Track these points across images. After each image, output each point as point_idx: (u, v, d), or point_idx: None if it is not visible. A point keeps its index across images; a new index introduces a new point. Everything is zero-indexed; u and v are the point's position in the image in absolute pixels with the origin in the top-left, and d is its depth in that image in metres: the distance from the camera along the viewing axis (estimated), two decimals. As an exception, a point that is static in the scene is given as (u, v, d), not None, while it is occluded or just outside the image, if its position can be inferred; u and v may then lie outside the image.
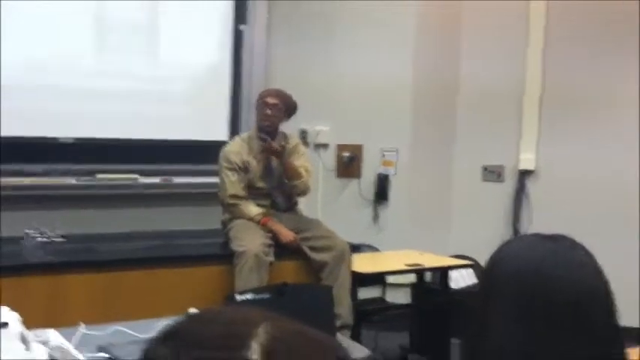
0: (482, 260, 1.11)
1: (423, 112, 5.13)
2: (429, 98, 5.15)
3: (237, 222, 3.72)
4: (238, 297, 3.23)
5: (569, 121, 4.90)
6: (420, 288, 4.10)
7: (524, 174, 5.03)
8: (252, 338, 0.65)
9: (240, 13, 5.13)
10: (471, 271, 4.29)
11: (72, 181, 4.51)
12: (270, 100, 3.80)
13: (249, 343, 0.64)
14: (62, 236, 3.45)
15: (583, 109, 4.88)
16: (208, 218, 4.17)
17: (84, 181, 4.53)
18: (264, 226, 3.69)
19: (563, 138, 4.93)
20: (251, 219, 3.71)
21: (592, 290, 0.99)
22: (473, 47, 5.14)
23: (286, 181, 3.84)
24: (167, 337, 0.68)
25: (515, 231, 4.99)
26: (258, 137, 3.84)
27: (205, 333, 0.66)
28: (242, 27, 5.15)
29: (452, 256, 4.43)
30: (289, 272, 3.66)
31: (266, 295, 3.29)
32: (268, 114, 3.78)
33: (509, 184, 5.09)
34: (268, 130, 3.82)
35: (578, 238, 1.07)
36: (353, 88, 5.13)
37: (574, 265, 1.00)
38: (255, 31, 5.14)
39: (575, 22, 4.88)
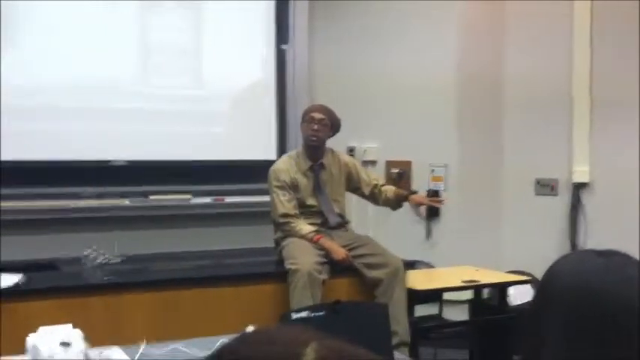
0: (539, 276, 1.09)
1: (469, 123, 5.08)
2: (474, 107, 5.10)
3: (290, 240, 3.71)
4: (294, 315, 3.21)
5: (622, 128, 4.79)
6: (477, 304, 4.03)
7: (578, 187, 4.93)
8: (302, 358, 0.65)
9: (282, 33, 5.17)
10: (529, 287, 4.19)
11: (126, 202, 4.58)
12: (317, 116, 3.80)
13: None
14: (119, 256, 3.49)
15: (635, 114, 4.75)
16: (261, 236, 4.17)
17: (137, 202, 4.59)
18: (316, 244, 3.67)
19: (617, 147, 4.81)
20: (303, 237, 3.69)
21: None
22: (517, 49, 5.08)
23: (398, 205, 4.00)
24: (219, 358, 0.69)
25: (573, 245, 4.88)
26: (308, 155, 3.84)
27: (257, 354, 0.67)
28: (284, 46, 5.19)
29: (509, 272, 4.35)
30: (343, 290, 3.63)
31: (321, 313, 3.27)
32: (315, 129, 3.78)
33: (563, 198, 4.99)
34: (315, 145, 3.82)
35: (636, 251, 1.04)
36: (398, 103, 5.12)
37: (625, 281, 0.97)
38: (297, 50, 5.18)
39: (621, 13, 4.77)
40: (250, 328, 2.70)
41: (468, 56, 5.06)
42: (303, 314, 3.22)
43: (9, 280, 2.99)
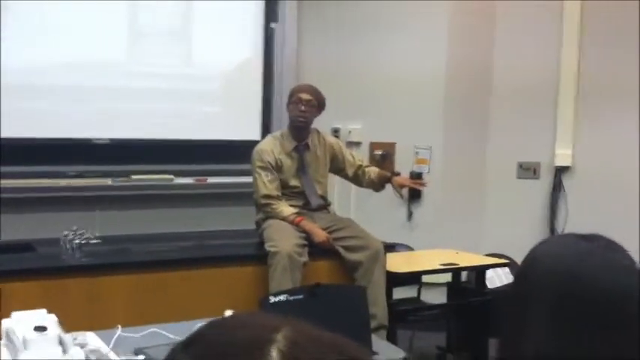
0: (519, 259, 1.09)
1: (455, 108, 5.08)
2: (461, 94, 5.10)
3: (271, 222, 3.71)
4: (272, 298, 3.23)
5: (606, 115, 4.81)
6: (455, 287, 4.06)
7: (560, 170, 4.95)
8: (272, 344, 0.65)
9: (271, 11, 5.14)
10: (507, 270, 4.23)
11: (107, 182, 4.56)
12: (304, 97, 3.79)
13: (269, 349, 0.65)
14: (98, 237, 3.48)
15: (620, 101, 4.77)
16: (243, 218, 4.18)
17: (119, 182, 4.58)
18: (297, 226, 3.68)
19: (600, 133, 4.83)
20: (284, 219, 3.70)
21: (628, 291, 0.97)
22: (506, 40, 5.08)
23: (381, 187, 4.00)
24: (188, 344, 0.69)
25: (552, 229, 4.92)
26: (293, 136, 3.84)
27: (225, 340, 0.67)
28: (273, 25, 5.15)
29: (487, 255, 4.38)
30: (323, 272, 3.65)
31: (300, 296, 3.29)
32: (303, 110, 3.77)
33: (545, 181, 5.02)
34: (302, 127, 3.82)
35: (616, 236, 1.04)
36: (385, 86, 5.11)
37: (609, 265, 0.98)
38: (286, 29, 5.15)
39: (610, 10, 4.78)
40: (228, 313, 2.72)
41: (458, 43, 5.04)
42: (282, 297, 3.23)
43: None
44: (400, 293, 4.01)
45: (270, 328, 0.67)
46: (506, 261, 4.17)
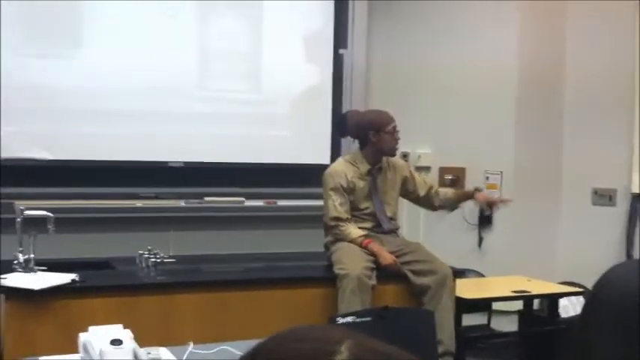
0: None
1: (527, 132, 5.01)
2: (533, 118, 5.03)
3: (340, 245, 3.73)
4: (340, 319, 3.25)
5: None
6: (527, 316, 3.97)
7: (637, 197, 4.80)
8: (335, 356, 0.66)
9: (340, 37, 5.21)
10: (581, 298, 4.12)
11: (181, 203, 4.69)
12: (397, 125, 3.83)
13: None
14: (172, 257, 3.58)
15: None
16: (312, 241, 4.21)
17: (192, 203, 4.70)
18: (365, 248, 3.69)
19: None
20: (352, 241, 3.71)
21: None
22: (579, 57, 4.99)
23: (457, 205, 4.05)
24: (254, 355, 0.70)
25: (629, 257, 4.77)
26: (367, 160, 3.84)
27: (289, 352, 0.68)
28: (342, 51, 5.22)
29: (561, 283, 4.28)
30: (391, 296, 3.64)
31: (368, 318, 3.30)
32: (399, 139, 3.82)
33: (621, 208, 4.87)
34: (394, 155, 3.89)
35: None
36: (454, 109, 5.09)
37: None
38: (354, 55, 5.21)
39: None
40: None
41: (528, 65, 4.99)
42: (350, 319, 3.26)
43: (64, 277, 3.11)
44: (470, 320, 3.96)
45: (333, 341, 0.68)
46: (581, 289, 4.06)
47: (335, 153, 4.97)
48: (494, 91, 5.00)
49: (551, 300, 3.95)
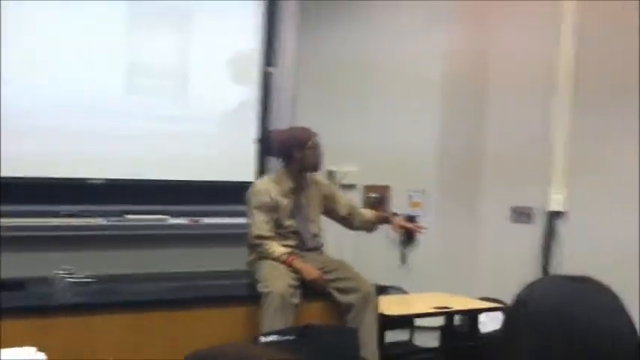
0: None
1: (449, 152, 5.13)
2: (456, 140, 5.14)
3: (263, 263, 3.71)
4: (263, 339, 3.21)
5: (600, 159, 4.84)
6: (448, 331, 4.03)
7: (553, 215, 4.97)
8: None
9: (269, 56, 5.21)
10: (499, 314, 4.20)
11: (102, 221, 4.56)
12: (319, 141, 3.83)
13: None
14: (91, 277, 3.47)
15: (613, 147, 4.81)
16: (236, 259, 4.17)
17: (113, 221, 4.58)
18: (289, 266, 3.67)
19: (594, 178, 4.86)
20: (276, 259, 3.69)
21: (616, 334, 0.97)
22: (498, 89, 5.15)
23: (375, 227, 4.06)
24: None
25: (545, 273, 4.91)
26: (290, 177, 3.83)
27: None
28: (270, 69, 5.22)
29: (481, 299, 4.37)
30: (315, 314, 3.63)
31: (291, 337, 3.27)
32: (321, 155, 3.81)
33: (538, 226, 5.03)
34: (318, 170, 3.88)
35: (608, 281, 1.05)
36: (379, 130, 5.17)
37: (598, 307, 0.98)
38: (282, 73, 5.21)
39: (602, 62, 4.85)
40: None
41: (451, 91, 5.11)
42: (273, 337, 3.23)
43: (-26, 299, 2.97)
44: (393, 336, 3.99)
45: (250, 358, 0.68)
46: (500, 305, 4.15)
47: (260, 171, 4.95)
48: (418, 114, 5.09)
49: (472, 316, 4.03)
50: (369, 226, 4.05)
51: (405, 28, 5.13)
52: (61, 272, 3.36)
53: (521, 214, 5.08)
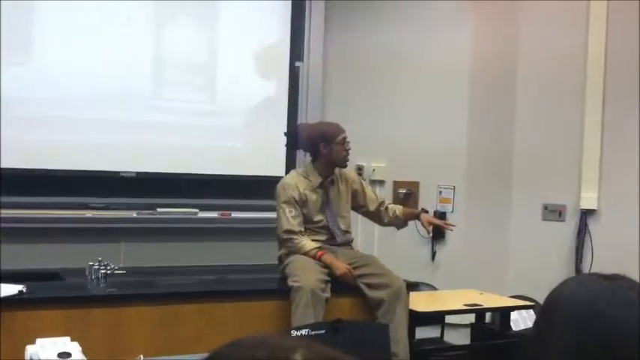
0: (543, 301, 1.09)
1: (480, 148, 5.09)
2: (485, 139, 5.10)
3: (294, 257, 3.71)
4: (294, 332, 3.23)
5: (631, 157, 4.77)
6: (479, 329, 4.01)
7: (585, 213, 4.91)
8: None
9: (297, 51, 5.22)
10: (531, 312, 4.18)
11: (133, 214, 4.61)
12: (347, 136, 3.84)
13: None
14: (123, 268, 3.51)
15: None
16: (267, 253, 4.19)
17: (145, 214, 4.63)
18: (319, 260, 3.68)
19: (625, 175, 4.80)
20: (306, 254, 3.70)
21: None
22: (530, 85, 5.10)
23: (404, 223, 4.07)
24: None
25: (578, 271, 4.86)
26: (319, 172, 3.83)
27: (245, 358, 0.69)
28: (298, 64, 5.23)
29: (512, 297, 4.34)
30: (345, 309, 3.63)
31: (321, 331, 3.28)
32: (349, 149, 3.82)
33: (570, 224, 4.97)
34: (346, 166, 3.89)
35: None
36: (409, 125, 5.14)
37: (631, 305, 0.98)
38: (311, 68, 5.22)
39: (634, 58, 4.78)
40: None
41: (480, 69, 5.07)
42: (303, 332, 3.24)
43: (11, 289, 3.02)
44: (423, 333, 3.98)
45: (286, 348, 0.68)
46: (531, 303, 4.12)
47: (290, 165, 4.96)
48: (447, 110, 5.07)
49: (503, 313, 4.00)
50: (398, 222, 4.04)
51: (434, 22, 5.09)
52: (95, 264, 3.40)
53: (553, 212, 5.03)
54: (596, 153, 4.90)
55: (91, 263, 3.42)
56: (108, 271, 3.38)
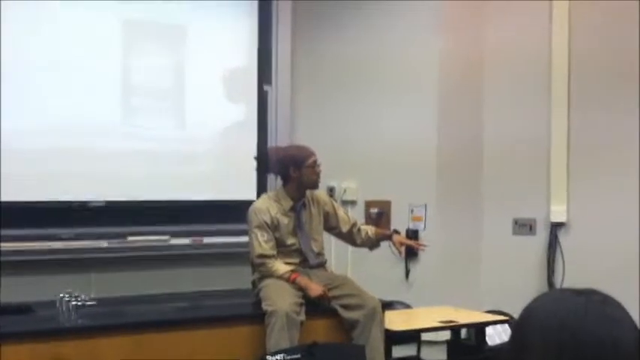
0: (517, 315, 1.10)
1: (449, 165, 5.13)
2: (454, 153, 5.15)
3: (268, 281, 3.70)
4: (269, 358, 3.20)
5: (599, 169, 4.85)
6: (455, 345, 4.02)
7: (555, 226, 4.97)
8: None
9: (265, 74, 5.23)
10: (506, 326, 4.20)
11: (104, 244, 4.56)
12: (317, 159, 3.84)
13: None
14: (94, 299, 3.46)
15: (610, 157, 4.82)
16: (240, 278, 4.17)
17: (115, 243, 4.58)
18: (293, 283, 3.67)
19: (594, 188, 4.87)
20: (280, 277, 3.69)
21: (622, 345, 0.97)
22: (496, 103, 5.16)
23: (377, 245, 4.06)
24: None
25: (550, 284, 4.91)
26: (290, 195, 3.83)
27: None
28: (266, 87, 5.25)
29: (486, 312, 4.36)
30: (320, 331, 3.62)
31: (297, 356, 3.26)
32: (319, 173, 3.82)
33: (541, 237, 5.03)
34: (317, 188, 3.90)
35: (613, 288, 1.05)
36: (379, 145, 5.17)
37: (604, 319, 0.99)
38: (279, 91, 5.24)
39: (598, 68, 4.87)
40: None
41: (448, 108, 5.12)
42: (279, 357, 3.22)
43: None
44: (399, 352, 3.97)
45: None
46: (506, 318, 4.14)
47: (261, 189, 4.95)
48: (416, 129, 5.10)
49: (478, 329, 4.01)
50: (370, 244, 4.05)
51: (400, 33, 5.14)
52: (66, 296, 3.35)
53: (524, 226, 5.08)
54: (563, 166, 4.97)
55: (61, 295, 3.36)
56: (79, 303, 3.33)
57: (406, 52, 5.13)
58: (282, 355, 3.17)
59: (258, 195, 4.53)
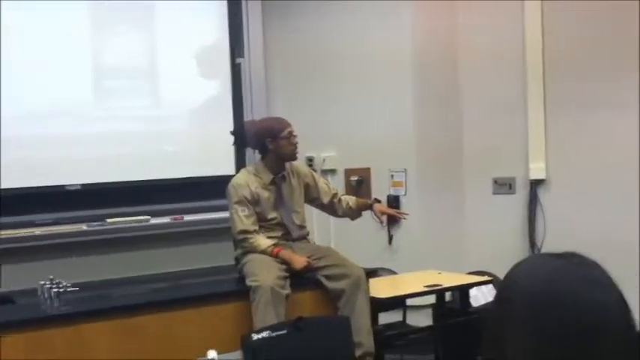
0: (502, 275, 1.10)
1: (428, 131, 5.13)
2: (433, 118, 5.14)
3: (251, 256, 3.68)
4: (255, 336, 3.20)
5: (575, 124, 4.86)
6: (440, 309, 4.05)
7: (535, 183, 4.99)
8: None
9: (237, 47, 5.16)
10: (490, 287, 4.24)
11: (82, 227, 4.52)
12: (293, 130, 3.80)
13: None
14: (76, 284, 3.43)
15: (587, 111, 4.83)
16: (223, 254, 4.15)
17: (94, 226, 4.54)
18: (276, 257, 3.66)
19: (572, 142, 4.88)
20: (263, 251, 3.67)
21: (604, 306, 0.98)
22: (472, 64, 5.14)
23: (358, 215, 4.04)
24: None
25: (532, 242, 4.95)
26: (270, 168, 3.80)
27: None
28: (239, 60, 5.18)
29: (470, 273, 4.39)
30: (307, 303, 3.62)
31: (283, 331, 3.26)
32: (296, 144, 3.78)
33: (521, 195, 5.05)
34: (295, 159, 3.85)
35: (592, 244, 1.05)
36: (357, 112, 5.14)
37: (584, 281, 0.99)
38: (252, 64, 5.17)
39: (573, 36, 4.86)
40: (211, 353, 2.68)
41: (422, 55, 5.09)
42: (265, 334, 3.21)
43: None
44: (385, 318, 4.00)
45: None
46: (490, 278, 4.17)
47: (240, 164, 4.92)
48: (392, 95, 5.08)
49: (462, 291, 4.04)
50: (352, 214, 4.04)
51: (373, 11, 5.09)
52: (47, 283, 3.31)
53: (503, 185, 5.10)
54: (540, 124, 4.97)
55: (42, 282, 3.33)
56: (61, 289, 3.29)
57: (380, 25, 5.07)
58: (267, 331, 3.17)
59: (237, 170, 4.49)
